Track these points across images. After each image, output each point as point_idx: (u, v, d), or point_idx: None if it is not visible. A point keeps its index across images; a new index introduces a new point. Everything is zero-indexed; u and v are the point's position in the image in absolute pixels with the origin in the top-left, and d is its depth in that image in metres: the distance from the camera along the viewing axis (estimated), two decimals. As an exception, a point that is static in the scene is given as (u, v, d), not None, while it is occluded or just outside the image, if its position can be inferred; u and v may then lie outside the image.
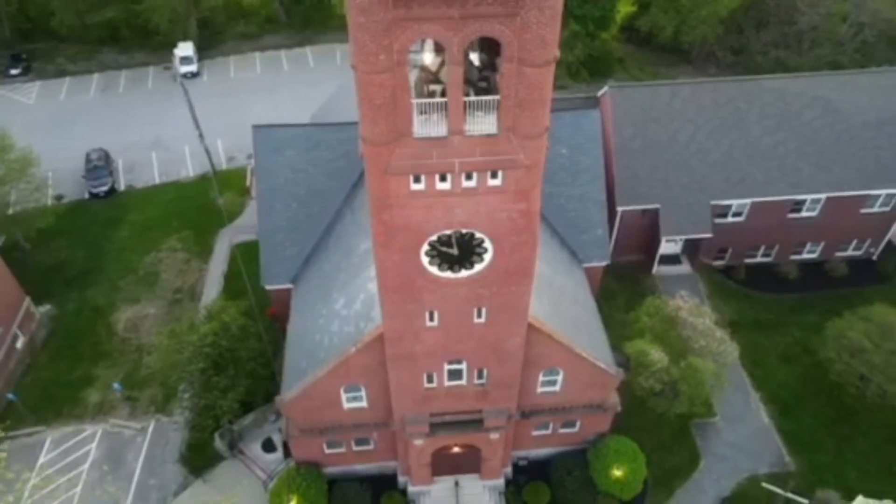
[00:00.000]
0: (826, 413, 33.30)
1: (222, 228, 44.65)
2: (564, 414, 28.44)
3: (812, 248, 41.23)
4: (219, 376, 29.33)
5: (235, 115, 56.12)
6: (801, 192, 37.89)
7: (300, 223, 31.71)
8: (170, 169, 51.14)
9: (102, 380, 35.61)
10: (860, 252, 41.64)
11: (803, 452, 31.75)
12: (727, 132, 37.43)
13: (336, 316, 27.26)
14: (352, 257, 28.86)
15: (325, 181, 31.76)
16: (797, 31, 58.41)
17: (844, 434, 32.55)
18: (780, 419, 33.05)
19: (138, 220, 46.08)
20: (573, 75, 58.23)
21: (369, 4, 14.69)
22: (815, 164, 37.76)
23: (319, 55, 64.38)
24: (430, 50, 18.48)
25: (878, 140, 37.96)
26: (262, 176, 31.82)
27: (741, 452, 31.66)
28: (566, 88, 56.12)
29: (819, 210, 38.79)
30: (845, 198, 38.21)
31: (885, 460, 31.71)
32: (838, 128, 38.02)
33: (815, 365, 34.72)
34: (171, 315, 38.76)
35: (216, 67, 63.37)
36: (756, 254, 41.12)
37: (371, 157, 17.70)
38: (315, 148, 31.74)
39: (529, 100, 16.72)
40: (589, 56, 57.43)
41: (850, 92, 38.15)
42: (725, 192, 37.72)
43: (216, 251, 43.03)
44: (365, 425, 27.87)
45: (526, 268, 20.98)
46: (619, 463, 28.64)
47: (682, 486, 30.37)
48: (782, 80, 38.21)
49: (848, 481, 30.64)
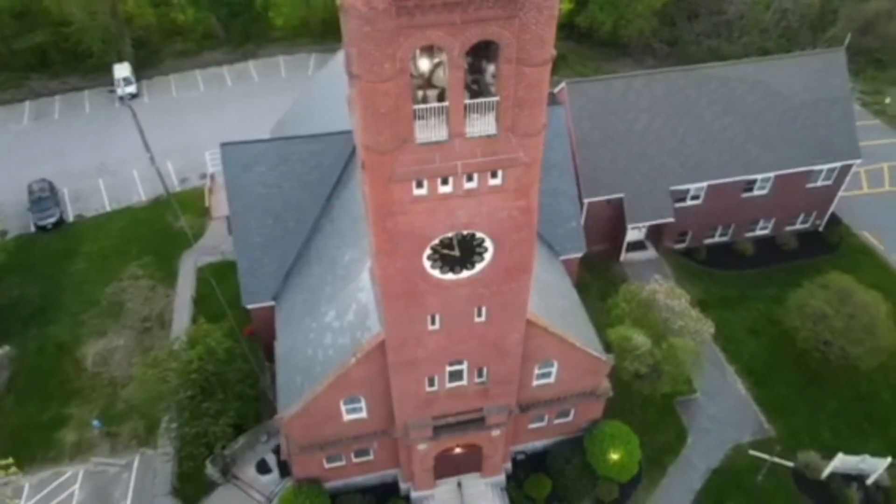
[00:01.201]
0: (796, 379, 35.10)
1: (185, 251, 43.58)
2: (559, 404, 29.05)
3: (764, 225, 43.38)
4: (208, 402, 28.63)
5: (182, 136, 54.94)
6: (752, 172, 39.86)
7: (277, 239, 31.31)
8: (120, 195, 49.43)
9: (77, 418, 34.17)
10: (807, 225, 44.05)
11: (780, 418, 33.39)
12: (680, 120, 39.00)
13: (328, 329, 27.06)
14: (337, 269, 28.69)
15: (299, 194, 31.45)
16: (726, 20, 61.33)
17: (815, 397, 34.39)
18: (756, 389, 34.66)
19: (94, 250, 44.35)
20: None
21: (374, 15, 14.81)
22: (762, 144, 39.78)
23: (263, 69, 63.46)
24: (423, 56, 18.67)
25: (816, 118, 40.29)
26: (234, 194, 31.26)
27: (724, 424, 33.04)
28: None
29: (769, 188, 40.88)
30: (791, 175, 40.41)
31: (854, 418, 33.68)
32: (779, 109, 40.16)
33: (780, 335, 36.51)
34: (142, 345, 37.55)
35: (156, 87, 61.62)
36: (714, 234, 42.97)
37: (374, 165, 17.78)
38: (286, 162, 31.39)
39: (529, 99, 17.17)
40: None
41: (787, 75, 40.33)
42: (683, 178, 39.30)
43: (181, 275, 41.87)
44: (365, 436, 27.74)
45: (526, 263, 21.45)
46: (615, 447, 29.46)
47: (673, 463, 31.47)
48: (725, 67, 40.09)
49: (824, 441, 32.43)
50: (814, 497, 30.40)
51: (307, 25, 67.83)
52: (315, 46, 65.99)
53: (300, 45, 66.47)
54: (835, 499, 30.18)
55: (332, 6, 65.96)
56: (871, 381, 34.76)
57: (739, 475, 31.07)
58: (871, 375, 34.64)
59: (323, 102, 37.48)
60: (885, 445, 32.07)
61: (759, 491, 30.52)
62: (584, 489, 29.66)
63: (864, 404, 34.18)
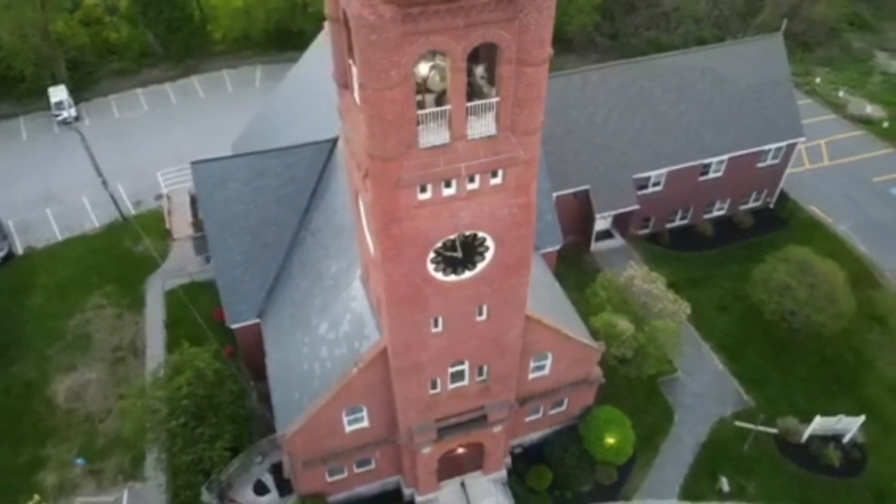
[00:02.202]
0: (767, 350, 36.76)
1: (149, 276, 42.26)
2: (555, 395, 29.62)
3: (720, 206, 45.24)
4: (201, 427, 27.90)
5: (130, 157, 53.30)
6: (707, 156, 41.55)
7: (257, 255, 30.80)
8: (71, 223, 47.41)
9: (56, 458, 32.68)
10: (760, 203, 46.18)
11: (757, 389, 34.92)
12: (637, 110, 40.28)
13: (322, 341, 26.82)
14: (324, 280, 28.45)
15: (275, 209, 31.03)
16: (663, 12, 63.55)
17: (786, 366, 36.12)
18: (731, 363, 36.14)
19: (50, 283, 42.43)
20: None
21: (382, 23, 14.88)
22: (715, 129, 41.51)
23: (208, 84, 62.08)
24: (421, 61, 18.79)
25: (761, 101, 42.31)
26: (209, 212, 30.57)
27: (706, 400, 34.33)
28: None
29: (723, 170, 42.69)
30: (743, 156, 42.31)
31: (823, 381, 35.54)
32: (727, 94, 41.98)
33: (748, 309, 38.16)
34: (117, 375, 36.25)
35: (96, 109, 59.47)
36: (675, 218, 44.54)
37: (380, 173, 17.81)
38: (260, 177, 30.89)
39: (529, 98, 17.53)
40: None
41: (733, 61, 42.19)
42: (644, 166, 40.62)
43: (149, 300, 40.54)
44: (367, 445, 27.61)
45: (526, 259, 21.86)
46: (610, 431, 30.22)
47: (664, 441, 32.51)
48: (675, 57, 41.65)
49: (799, 406, 34.10)
50: (796, 460, 31.94)
51: (249, 38, 66.69)
52: (260, 58, 64.99)
53: (244, 57, 65.32)
54: (816, 459, 31.80)
55: (274, 18, 65.18)
56: (835, 346, 36.73)
57: (727, 446, 32.36)
58: (835, 341, 36.59)
59: (286, 115, 37.09)
60: (854, 405, 33.98)
61: (746, 460, 31.86)
62: (584, 475, 30.32)
63: (831, 368, 36.12)
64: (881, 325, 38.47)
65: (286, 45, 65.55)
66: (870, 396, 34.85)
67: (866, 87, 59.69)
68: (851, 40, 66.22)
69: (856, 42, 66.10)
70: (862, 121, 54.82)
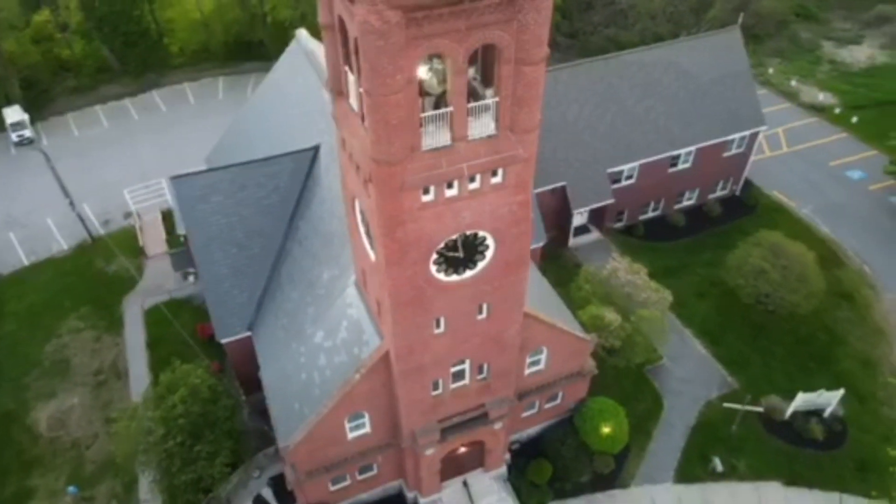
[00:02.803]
0: (746, 332, 37.95)
1: (126, 296, 41.35)
2: (550, 389, 30.06)
3: (690, 196, 46.51)
4: (199, 444, 27.45)
5: (93, 176, 52.17)
6: (676, 147, 42.72)
7: (244, 267, 30.53)
8: (37, 247, 46.06)
9: (44, 488, 31.71)
10: (727, 191, 47.64)
11: (739, 371, 36.01)
12: (607, 106, 41.19)
13: (319, 350, 26.72)
14: (316, 289, 28.35)
15: (260, 220, 30.83)
16: (620, 9, 65.01)
17: (764, 346, 37.34)
18: (713, 347, 37.19)
19: (21, 309, 41.13)
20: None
21: (388, 28, 15.05)
22: (682, 121, 42.71)
23: (170, 97, 61.05)
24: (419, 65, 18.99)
25: (724, 93, 43.71)
26: (193, 227, 30.16)
27: (693, 384, 35.26)
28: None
29: (691, 161, 43.93)
30: (710, 146, 43.62)
31: (801, 359, 36.86)
32: (692, 87, 43.26)
33: (724, 294, 39.35)
34: (100, 399, 35.38)
35: (54, 128, 57.97)
36: (648, 210, 45.62)
37: (384, 177, 17.94)
38: (243, 189, 30.65)
39: (528, 97, 17.90)
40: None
41: (694, 55, 43.48)
42: (617, 160, 41.55)
43: (128, 320, 39.65)
44: (370, 451, 27.58)
45: (524, 256, 22.24)
46: (604, 421, 30.81)
47: (656, 428, 33.27)
48: (641, 53, 42.71)
49: (779, 384, 35.29)
50: (782, 436, 33.06)
51: (209, 49, 65.83)
52: (221, 70, 64.18)
53: (204, 69, 64.42)
54: (800, 434, 32.98)
55: (233, 30, 64.47)
56: (809, 325, 38.15)
57: (715, 428, 33.31)
58: (808, 320, 38.01)
59: (261, 126, 36.78)
60: (830, 380, 35.33)
61: (735, 439, 32.84)
62: (583, 466, 30.84)
63: (807, 346, 37.49)
64: (849, 303, 40.11)
65: (247, 56, 65.08)
66: (844, 371, 36.29)
67: (816, 75, 62.09)
68: (799, 31, 68.77)
69: (803, 33, 68.67)
70: (815, 108, 57.03)
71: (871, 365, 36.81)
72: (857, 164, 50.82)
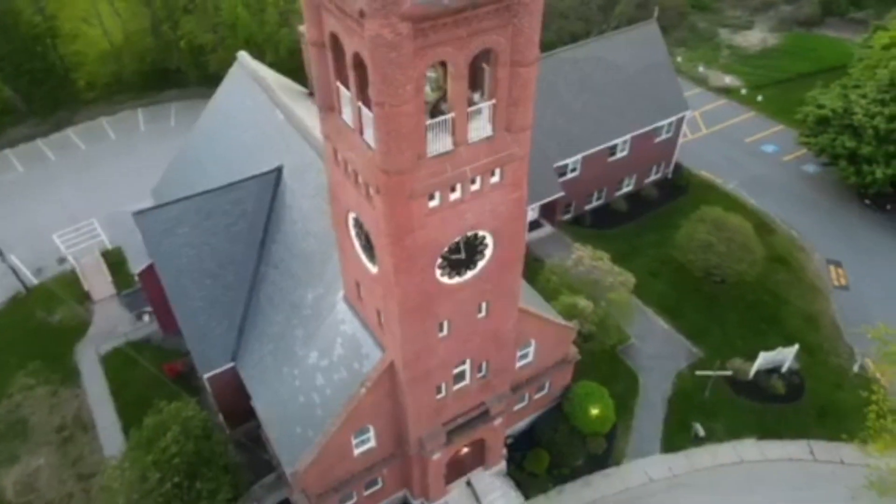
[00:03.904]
0: (701, 304, 40.31)
1: (77, 345, 39.17)
2: (539, 379, 30.95)
3: (629, 182, 48.87)
4: (199, 483, 26.48)
5: (17, 224, 49.29)
6: (613, 138, 44.84)
7: (220, 298, 29.76)
8: (-36, 306, 42.87)
9: (23, 558, 29.66)
10: (660, 175, 50.37)
11: (701, 340, 38.18)
12: (548, 103, 42.69)
13: (315, 370, 26.45)
14: (302, 310, 28.03)
15: (231, 248, 30.16)
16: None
17: (719, 315, 39.79)
18: (674, 322, 39.27)
19: (-40, 373, 38.18)
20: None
21: (400, 40, 15.43)
22: (616, 112, 44.90)
23: (88, 134, 58.25)
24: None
25: (650, 82, 46.22)
26: (161, 262, 29.14)
27: (662, 359, 37.11)
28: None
29: (628, 149, 46.22)
30: (643, 134, 46.03)
31: (753, 323, 39.50)
32: (620, 79, 45.55)
33: (676, 271, 41.66)
34: (69, 456, 33.36)
35: (-38, 178, 53.96)
36: (592, 200, 47.59)
37: (394, 186, 18.20)
38: (209, 218, 29.89)
39: (522, 97, 18.67)
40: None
41: (620, 50, 45.84)
42: (561, 154, 43.19)
43: (84, 370, 37.54)
44: (375, 465, 27.51)
45: (519, 252, 23.04)
46: (592, 403, 32.00)
47: (636, 404, 34.83)
48: (573, 49, 44.65)
49: (739, 348, 37.67)
50: (749, 395, 35.36)
51: (122, 81, 63.17)
52: (139, 101, 61.75)
53: (120, 102, 61.78)
54: (764, 391, 35.40)
55: (148, 58, 62.27)
56: (755, 290, 40.96)
57: (690, 396, 35.23)
58: (754, 286, 40.81)
59: (210, 154, 35.86)
60: (781, 338, 38.05)
61: (708, 404, 34.86)
62: (577, 450, 31.88)
63: (756, 310, 40.23)
64: (785, 266, 43.34)
65: (164, 84, 62.96)
66: (792, 328, 39.20)
67: (719, 61, 66.54)
68: (697, 22, 73.45)
69: (701, 23, 73.39)
70: (723, 91, 61.21)
71: (813, 320, 39.95)
72: (769, 138, 54.96)
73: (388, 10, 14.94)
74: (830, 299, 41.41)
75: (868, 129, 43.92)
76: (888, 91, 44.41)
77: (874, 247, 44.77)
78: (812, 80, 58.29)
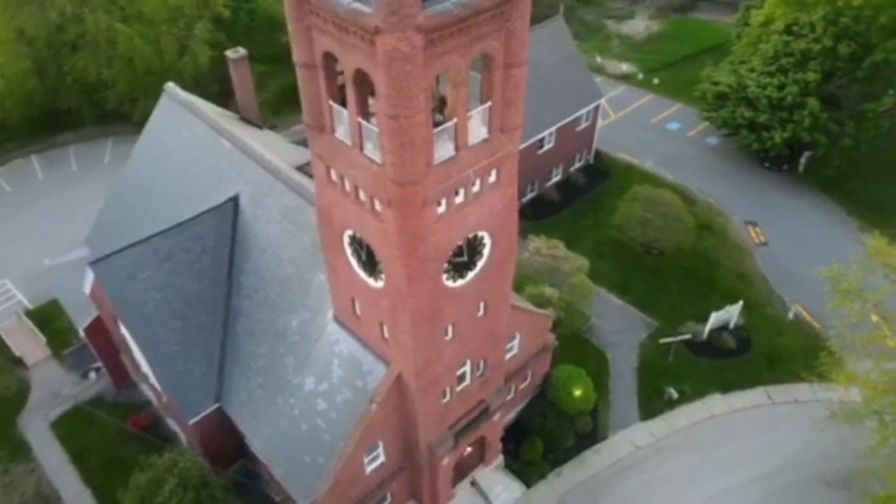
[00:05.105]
0: (646, 277, 42.74)
1: (17, 417, 35.98)
2: (524, 370, 31.83)
3: (556, 172, 50.91)
4: (204, 533, 25.34)
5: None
6: (541, 131, 46.65)
7: (194, 339, 28.47)
8: None
9: None
10: (583, 162, 52.84)
11: (653, 311, 40.50)
12: (477, 105, 43.79)
13: (314, 395, 25.95)
14: (288, 337, 27.37)
15: (198, 286, 28.92)
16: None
17: (664, 285, 42.35)
18: (626, 297, 41.40)
19: None
20: (276, 112, 59.33)
21: (415, 52, 15.70)
22: (540, 106, 46.45)
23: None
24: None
25: (565, 75, 48.42)
26: (126, 311, 27.51)
27: (623, 333, 39.05)
28: (277, 127, 56.78)
29: (554, 140, 48.21)
30: (566, 124, 48.18)
31: (695, 289, 42.21)
32: (539, 74, 46.78)
33: (617, 249, 43.92)
34: (39, 536, 30.68)
35: None
36: (527, 192, 49.22)
37: (407, 197, 18.39)
38: (169, 258, 28.52)
39: (515, 97, 19.46)
40: (284, 90, 59.17)
41: (534, 46, 47.09)
42: (496, 153, 44.35)
43: (34, 442, 34.50)
44: (385, 480, 27.32)
45: (513, 249, 23.76)
46: (573, 385, 33.26)
47: (610, 379, 36.50)
48: (491, 52, 45.91)
49: (687, 313, 40.19)
50: (706, 354, 37.88)
51: (7, 128, 58.25)
52: (31, 147, 57.23)
53: (10, 150, 56.94)
54: (719, 349, 38.12)
55: (36, 101, 57.96)
56: (691, 258, 43.89)
57: (655, 363, 37.32)
58: (689, 254, 43.68)
59: (152, 191, 34.08)
60: (722, 297, 40.94)
61: (673, 368, 37.07)
62: (567, 432, 33.02)
63: (695, 276, 43.15)
64: (710, 231, 46.71)
65: (57, 126, 58.83)
66: (728, 287, 42.35)
67: (612, 50, 70.54)
68: (584, 15, 77.41)
69: (587, 16, 77.38)
70: (622, 77, 64.96)
71: (744, 277, 43.39)
72: (672, 117, 58.96)
73: (405, 24, 15.17)
74: (755, 256, 45.11)
75: (762, 100, 48.20)
76: (772, 63, 49.00)
77: (782, 204, 49.20)
78: (697, 60, 63.22)
